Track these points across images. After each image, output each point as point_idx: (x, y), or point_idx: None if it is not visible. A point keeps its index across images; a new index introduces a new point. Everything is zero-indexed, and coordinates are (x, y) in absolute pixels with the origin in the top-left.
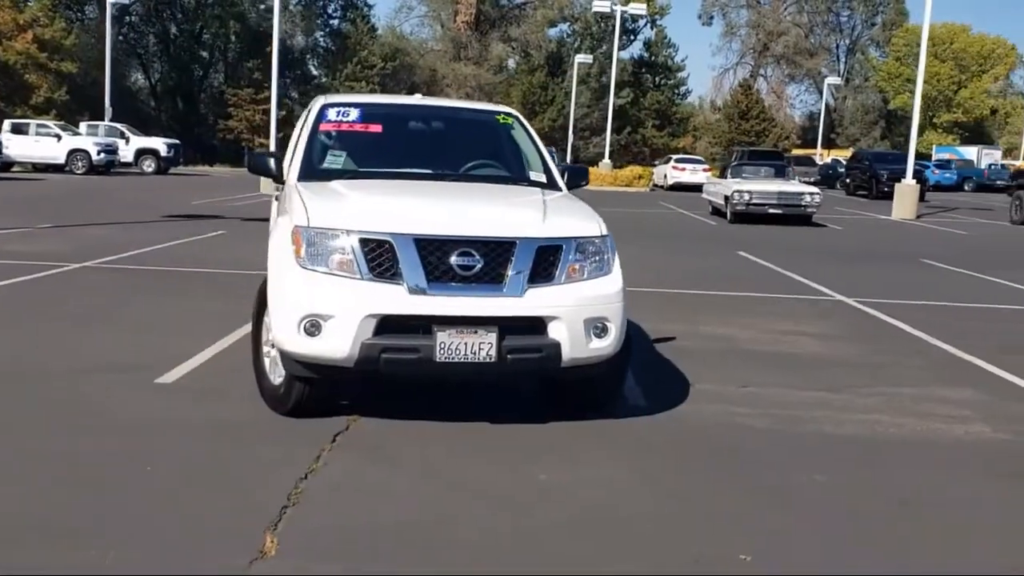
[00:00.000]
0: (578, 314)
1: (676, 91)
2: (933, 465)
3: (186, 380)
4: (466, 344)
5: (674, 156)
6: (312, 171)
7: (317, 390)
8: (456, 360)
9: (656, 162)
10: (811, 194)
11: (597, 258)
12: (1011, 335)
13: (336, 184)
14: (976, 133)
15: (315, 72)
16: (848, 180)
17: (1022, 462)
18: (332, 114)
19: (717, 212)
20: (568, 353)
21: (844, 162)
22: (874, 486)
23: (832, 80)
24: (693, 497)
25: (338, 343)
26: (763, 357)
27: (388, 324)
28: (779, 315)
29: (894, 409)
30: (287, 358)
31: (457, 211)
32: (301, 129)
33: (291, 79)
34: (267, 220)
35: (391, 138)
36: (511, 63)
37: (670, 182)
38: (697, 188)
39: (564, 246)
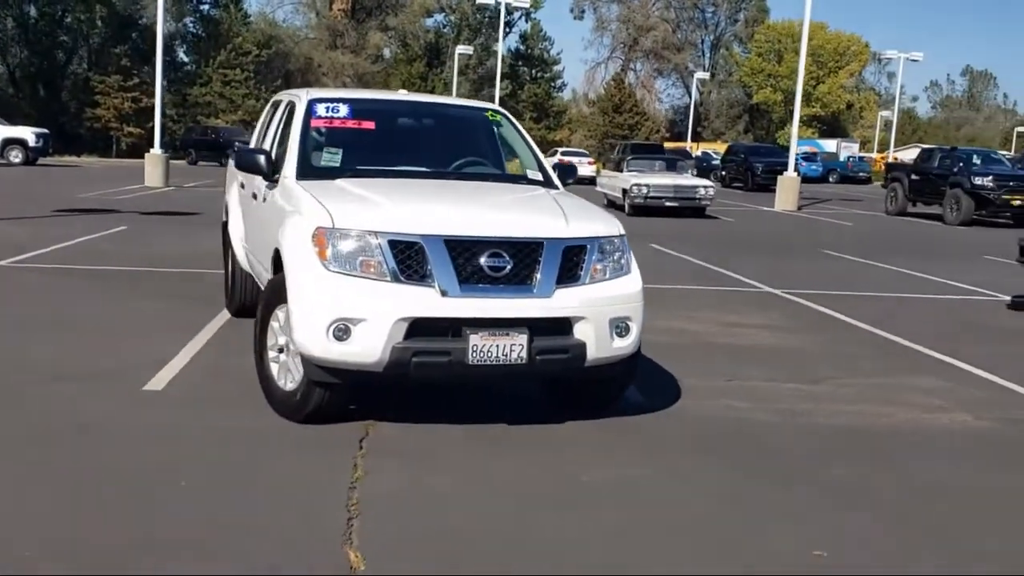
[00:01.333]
0: (603, 314)
1: (552, 84)
2: (943, 455)
3: (175, 387)
4: (497, 346)
5: (560, 149)
6: (310, 169)
7: (337, 396)
8: (488, 363)
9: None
10: (705, 187)
11: (617, 257)
12: (940, 323)
13: (343, 183)
14: (832, 126)
15: (185, 59)
16: (724, 173)
17: (1017, 451)
18: (321, 110)
19: (613, 205)
20: (593, 353)
21: (715, 155)
22: (900, 478)
23: (701, 75)
24: (740, 495)
25: (369, 347)
26: (727, 350)
27: (418, 327)
28: (720, 307)
29: (875, 399)
30: (309, 363)
31: (483, 211)
32: (282, 124)
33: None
34: (169, 214)
35: (385, 135)
36: (387, 53)
37: None
38: (583, 181)
39: (588, 246)
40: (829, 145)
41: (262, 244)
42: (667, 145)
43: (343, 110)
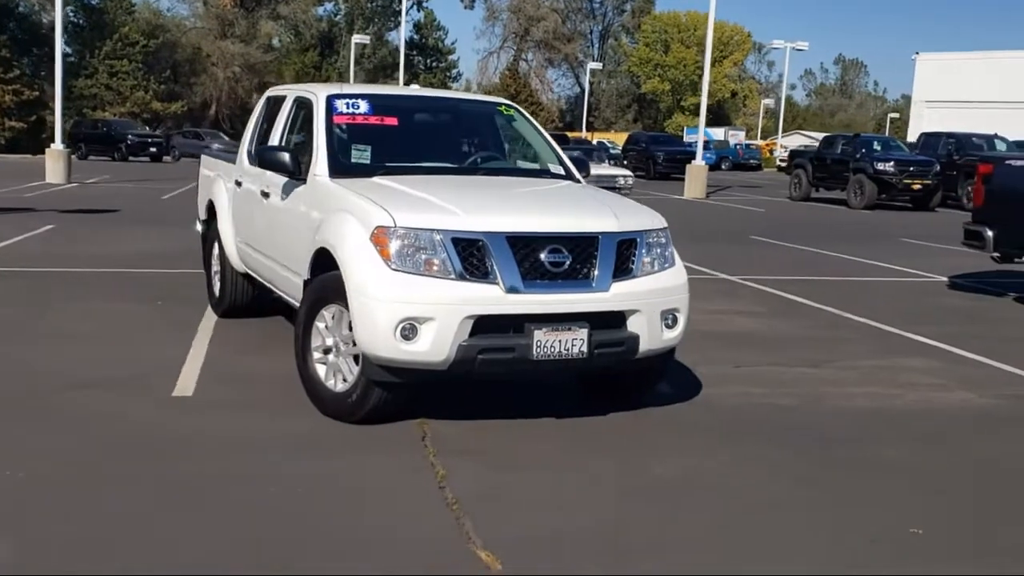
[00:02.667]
0: (655, 306)
1: (448, 74)
2: (970, 432)
3: (204, 393)
4: (560, 341)
5: None
6: (343, 167)
7: (394, 396)
8: (551, 357)
9: None
10: (624, 176)
11: (663, 250)
12: (898, 305)
13: (383, 181)
14: (717, 115)
15: (68, 50)
16: (625, 162)
17: None
18: (342, 106)
19: None
20: (645, 345)
21: (610, 144)
22: (950, 456)
23: (593, 65)
24: (814, 480)
25: (436, 346)
26: (719, 337)
27: (482, 324)
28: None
29: (880, 381)
30: (370, 363)
31: (539, 207)
32: (291, 122)
33: (39, 56)
34: (88, 212)
35: (407, 131)
36: (276, 42)
37: None
38: None
39: (638, 239)
40: (717, 133)
41: (283, 244)
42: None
43: (363, 106)
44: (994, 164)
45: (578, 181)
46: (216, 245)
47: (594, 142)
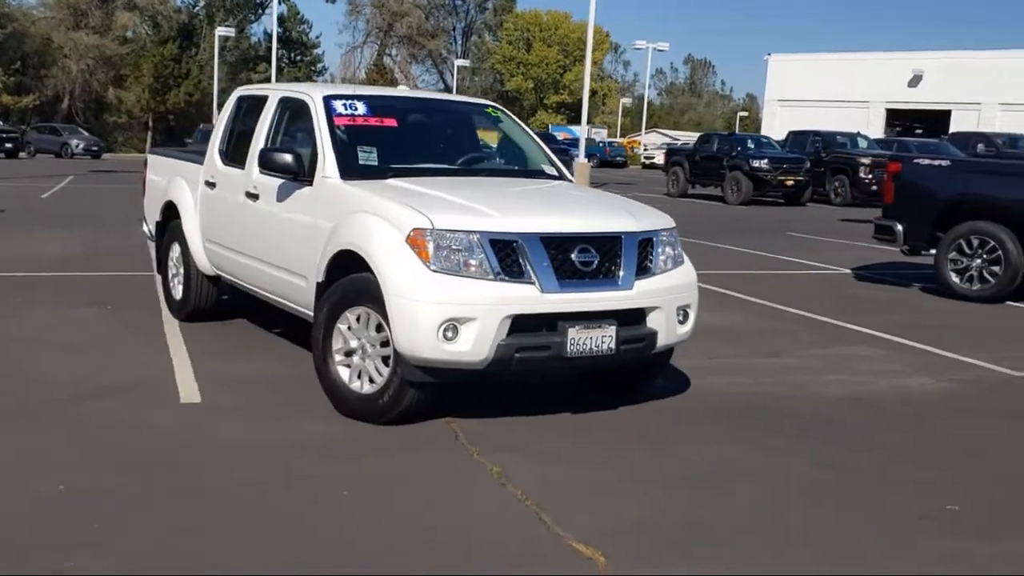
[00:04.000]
0: (672, 303)
1: (312, 68)
2: (948, 414)
3: (212, 399)
4: (591, 338)
5: None
6: (354, 169)
7: (426, 396)
8: (583, 354)
9: None
10: None
11: (674, 248)
12: (821, 296)
13: (400, 183)
14: (577, 113)
15: None
16: None
17: (994, 404)
18: (340, 107)
19: None
20: (662, 340)
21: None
22: (949, 437)
23: (461, 62)
24: (834, 462)
25: (477, 346)
26: None
27: (519, 323)
28: None
29: (843, 369)
30: (408, 364)
31: (566, 208)
32: (279, 122)
33: None
34: None
35: (406, 133)
36: (131, 34)
37: None
38: None
39: (654, 238)
40: (579, 131)
41: (280, 247)
42: None
43: (361, 107)
44: (903, 162)
45: (570, 181)
46: (176, 248)
47: None
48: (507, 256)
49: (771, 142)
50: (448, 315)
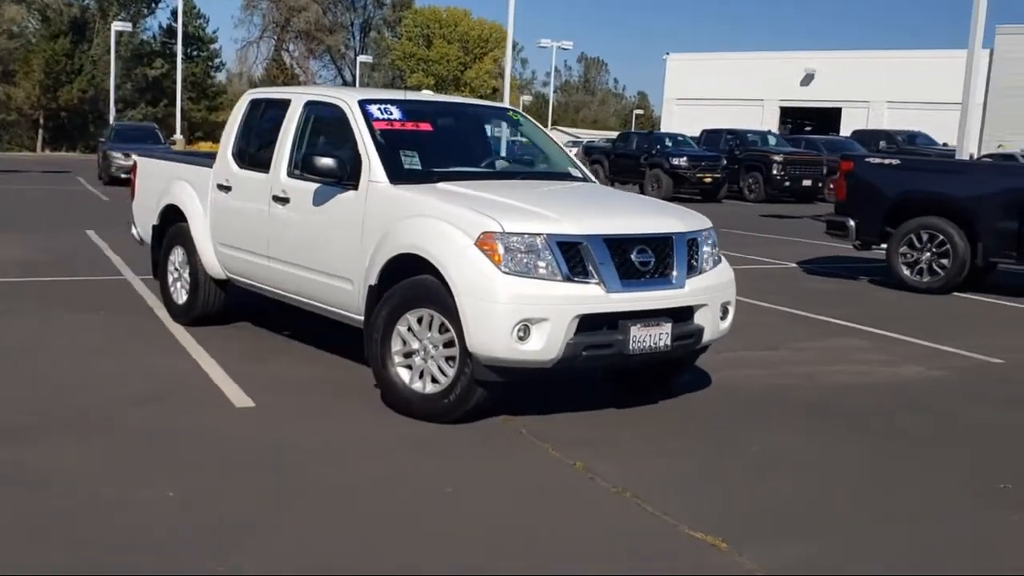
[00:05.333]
0: (716, 300)
1: (210, 63)
2: (954, 400)
3: (264, 403)
4: (650, 335)
5: None
6: (402, 173)
7: (492, 394)
8: (643, 351)
9: None
10: None
11: (713, 248)
12: (785, 290)
13: (451, 187)
14: None
15: None
16: None
17: (991, 391)
18: (376, 112)
19: None
20: (707, 336)
21: None
22: (965, 424)
23: (363, 58)
24: (878, 448)
25: (548, 345)
26: None
27: (585, 322)
28: None
29: (840, 359)
30: (479, 364)
31: (621, 210)
32: (305, 127)
33: None
34: None
35: (441, 137)
36: (17, 28)
37: None
38: None
39: (698, 238)
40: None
41: (320, 250)
42: None
43: (396, 112)
44: (855, 161)
45: (592, 182)
46: (179, 252)
47: None
48: (573, 257)
49: (687, 140)
50: (522, 316)
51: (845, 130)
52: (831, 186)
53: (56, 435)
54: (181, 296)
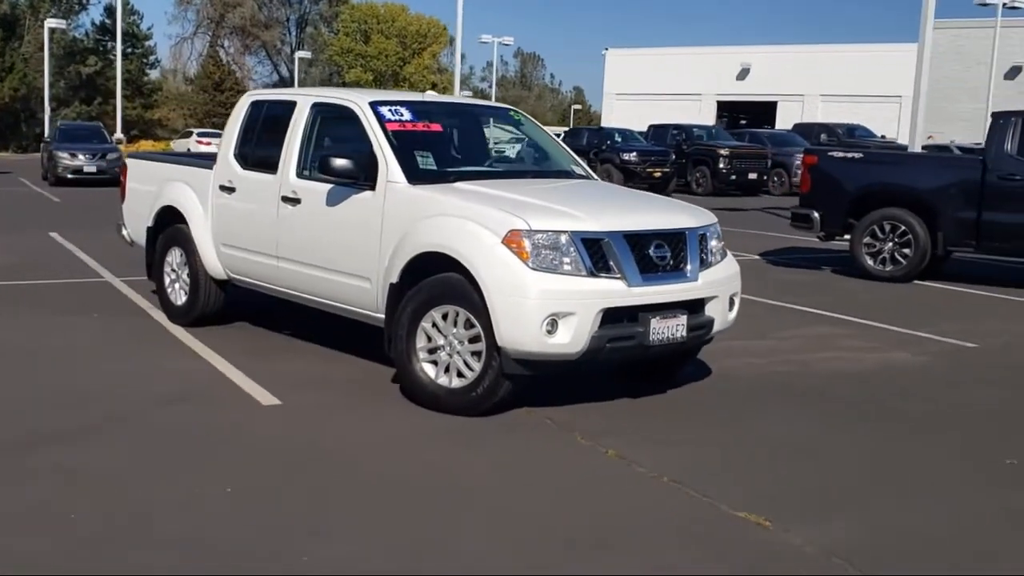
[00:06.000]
0: (726, 292)
1: (145, 60)
2: (946, 384)
3: (291, 401)
4: (668, 327)
5: (196, 131)
6: (419, 174)
7: (517, 386)
8: (662, 343)
9: (174, 137)
10: None
11: (719, 241)
12: (755, 281)
13: (470, 186)
14: None
15: None
16: None
17: (976, 374)
18: (387, 113)
19: None
20: (716, 327)
21: None
22: (961, 405)
23: (302, 54)
24: (884, 432)
25: (576, 338)
26: None
27: (608, 316)
28: None
29: (827, 347)
30: (508, 358)
31: (636, 207)
32: (311, 128)
33: None
34: None
35: (451, 137)
36: None
37: None
38: None
39: (707, 233)
40: None
41: (336, 249)
42: None
43: (406, 113)
44: (818, 155)
45: (595, 179)
46: (176, 253)
47: None
48: (596, 253)
49: (636, 135)
50: (551, 310)
51: (780, 123)
52: (775, 178)
53: (96, 438)
54: (180, 297)
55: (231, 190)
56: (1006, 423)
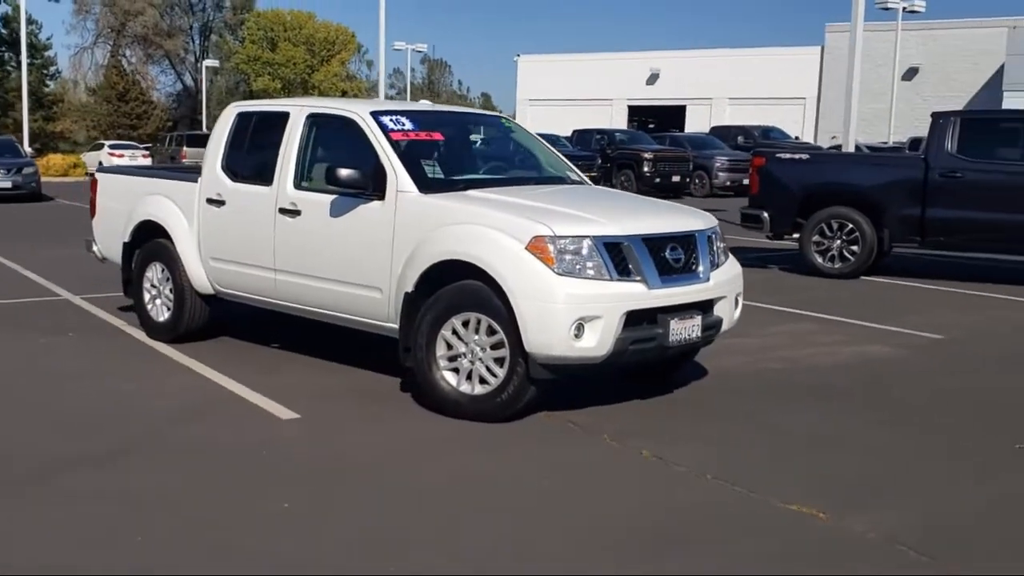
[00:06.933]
0: (732, 292)
1: (45, 71)
2: (928, 375)
3: (311, 414)
4: (685, 327)
5: (107, 143)
6: (429, 183)
7: (541, 391)
8: (679, 343)
9: (86, 149)
10: None
11: (722, 243)
12: None
13: (483, 194)
14: None
15: None
16: None
17: (955, 364)
18: (389, 123)
19: None
20: (724, 325)
21: None
22: (951, 392)
23: (210, 62)
24: (890, 422)
25: (601, 341)
26: None
27: (631, 318)
28: None
29: (805, 343)
30: (535, 363)
31: (650, 212)
32: (308, 139)
33: None
34: None
35: (452, 146)
36: None
37: None
38: None
39: (712, 235)
40: None
41: (343, 261)
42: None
43: (407, 123)
44: (767, 157)
45: (588, 185)
46: (157, 268)
47: None
48: (617, 257)
49: (561, 140)
50: (579, 314)
51: (690, 127)
52: (697, 180)
53: (126, 460)
54: (161, 313)
55: (220, 203)
56: (1003, 407)
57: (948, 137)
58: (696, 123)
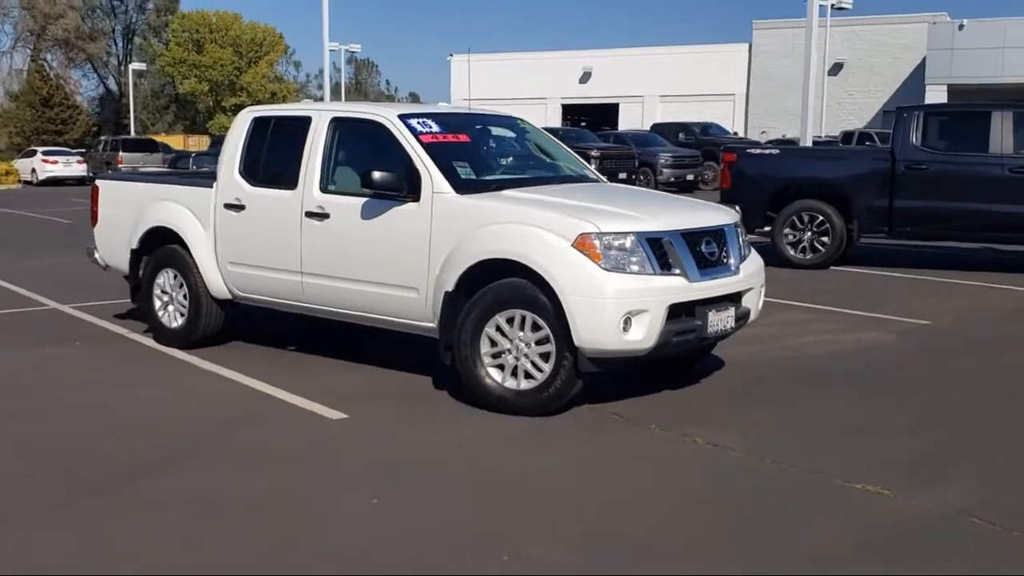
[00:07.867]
0: (758, 283)
1: None
2: (926, 358)
3: (358, 415)
4: (721, 319)
5: (40, 149)
6: (464, 184)
7: (588, 385)
8: (716, 334)
9: (17, 156)
10: None
11: (744, 237)
12: None
13: (520, 193)
14: None
15: None
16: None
17: (950, 346)
18: (418, 126)
19: None
20: (751, 316)
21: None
22: (954, 372)
23: (137, 66)
24: (913, 405)
25: (648, 334)
26: None
27: (673, 311)
28: None
29: (806, 332)
30: (584, 357)
31: (682, 208)
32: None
33: None
34: None
35: (478, 147)
36: None
37: (42, 177)
38: (77, 181)
39: (737, 229)
40: None
41: (377, 262)
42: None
43: (434, 125)
44: (737, 153)
45: (608, 182)
46: (169, 274)
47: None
48: (659, 252)
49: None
50: (627, 308)
51: (623, 124)
52: (642, 177)
53: (196, 463)
54: (175, 320)
55: (239, 207)
56: (1010, 386)
57: (912, 130)
58: (629, 121)
